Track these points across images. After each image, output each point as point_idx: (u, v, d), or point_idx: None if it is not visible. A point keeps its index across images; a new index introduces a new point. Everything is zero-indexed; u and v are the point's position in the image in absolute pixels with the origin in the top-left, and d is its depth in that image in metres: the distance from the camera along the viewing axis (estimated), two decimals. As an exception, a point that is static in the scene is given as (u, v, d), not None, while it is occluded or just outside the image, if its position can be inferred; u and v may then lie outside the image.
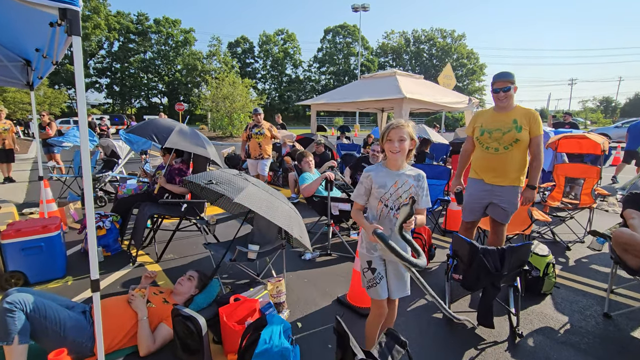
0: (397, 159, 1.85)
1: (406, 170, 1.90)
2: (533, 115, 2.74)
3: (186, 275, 2.64)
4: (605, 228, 4.48)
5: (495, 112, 2.87)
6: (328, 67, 49.01)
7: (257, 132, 5.46)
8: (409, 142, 1.84)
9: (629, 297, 2.94)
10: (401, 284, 1.99)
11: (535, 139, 2.74)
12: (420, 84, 8.13)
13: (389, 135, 1.83)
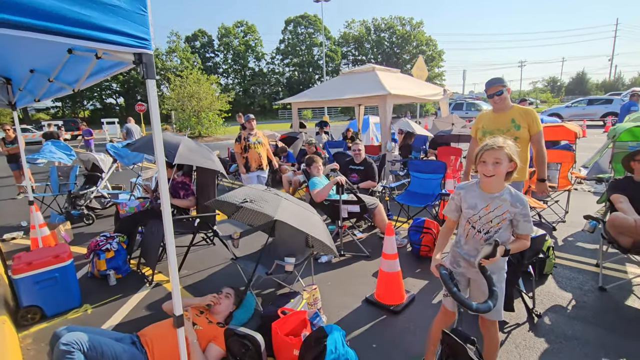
0: (491, 182, 1.73)
1: (503, 193, 1.76)
2: (530, 113, 2.99)
3: (223, 293, 2.66)
4: (580, 207, 4.98)
5: (494, 113, 3.11)
6: (292, 58, 48.43)
7: (255, 142, 5.14)
8: (506, 164, 1.70)
9: (616, 270, 3.36)
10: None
11: (535, 135, 3.00)
12: (399, 78, 8.38)
13: (483, 156, 1.72)
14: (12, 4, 1.12)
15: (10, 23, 1.12)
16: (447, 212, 1.94)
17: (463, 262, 1.90)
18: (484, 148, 1.75)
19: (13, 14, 1.12)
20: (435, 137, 7.44)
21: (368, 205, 4.11)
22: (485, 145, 1.77)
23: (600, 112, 18.01)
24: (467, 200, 1.83)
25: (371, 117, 11.73)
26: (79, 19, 1.22)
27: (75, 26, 1.21)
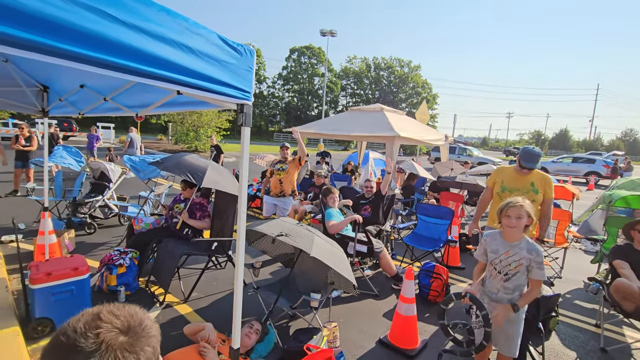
0: (513, 233, 2.13)
1: (521, 243, 2.13)
2: (548, 180, 3.25)
3: (253, 329, 2.64)
4: (575, 265, 5.21)
5: (516, 172, 3.36)
6: (292, 85, 49.79)
7: (279, 169, 5.24)
8: (525, 219, 2.09)
9: (616, 333, 3.52)
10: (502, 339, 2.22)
11: (547, 200, 3.25)
12: (405, 120, 8.77)
13: (508, 212, 2.11)
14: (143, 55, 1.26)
15: (142, 72, 1.26)
16: (477, 255, 2.35)
17: (487, 299, 2.27)
18: (509, 205, 2.14)
19: (146, 65, 1.26)
20: (437, 182, 7.73)
21: (374, 248, 4.22)
22: (509, 202, 2.16)
23: (584, 170, 18.99)
24: (491, 246, 2.23)
25: (371, 152, 12.07)
26: (198, 71, 1.37)
27: (195, 78, 1.36)
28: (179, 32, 1.31)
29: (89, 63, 1.13)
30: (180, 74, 1.33)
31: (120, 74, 1.22)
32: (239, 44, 1.46)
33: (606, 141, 71.65)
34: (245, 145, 1.52)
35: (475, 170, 9.42)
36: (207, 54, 1.39)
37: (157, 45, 1.26)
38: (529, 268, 2.09)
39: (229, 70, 1.45)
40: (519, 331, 2.22)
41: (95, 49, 1.13)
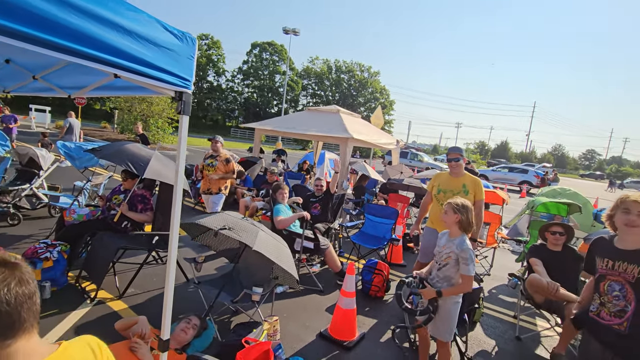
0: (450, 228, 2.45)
1: (457, 239, 2.38)
2: (478, 183, 3.56)
3: (190, 324, 2.58)
4: (503, 264, 5.73)
5: (450, 176, 3.64)
6: (252, 80, 48.86)
7: (209, 164, 5.08)
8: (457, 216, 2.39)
9: (529, 322, 3.95)
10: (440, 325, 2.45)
11: (478, 202, 3.56)
12: (360, 123, 9.05)
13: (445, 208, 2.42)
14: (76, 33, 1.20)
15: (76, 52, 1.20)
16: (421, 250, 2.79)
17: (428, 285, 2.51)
18: (448, 202, 2.45)
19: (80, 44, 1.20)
20: (387, 184, 8.07)
21: (320, 245, 4.33)
22: (449, 202, 2.45)
23: (518, 179, 20.90)
24: (440, 240, 2.55)
25: (327, 152, 12.27)
26: (135, 55, 1.33)
27: (133, 61, 1.32)
28: (116, 13, 1.27)
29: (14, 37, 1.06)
30: (118, 56, 1.28)
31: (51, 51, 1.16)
32: (179, 31, 1.44)
33: (539, 154, 79.64)
34: (183, 135, 1.50)
35: (421, 175, 9.97)
36: (146, 38, 1.36)
37: (92, 24, 1.21)
38: (457, 262, 2.34)
39: (168, 56, 1.42)
40: (453, 318, 2.44)
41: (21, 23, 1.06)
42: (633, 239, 1.80)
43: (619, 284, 1.80)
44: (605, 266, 1.87)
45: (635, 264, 1.74)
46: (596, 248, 1.99)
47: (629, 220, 1.77)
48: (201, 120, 46.13)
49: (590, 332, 1.97)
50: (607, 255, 1.88)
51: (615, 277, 1.82)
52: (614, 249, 1.87)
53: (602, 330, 1.86)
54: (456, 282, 2.39)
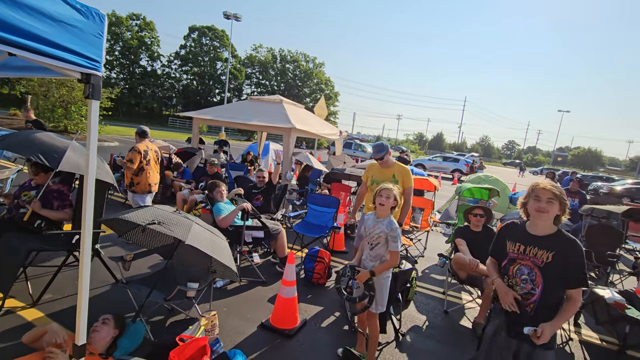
0: (383, 210, 2.60)
1: (385, 220, 2.58)
2: (406, 171, 3.79)
3: (99, 321, 2.41)
4: (435, 246, 6.19)
5: (381, 167, 3.84)
6: (192, 67, 46.02)
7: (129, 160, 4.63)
8: (392, 200, 2.56)
9: (456, 297, 4.34)
10: None
11: (407, 189, 3.78)
12: (303, 113, 9.03)
13: (380, 193, 2.59)
14: None
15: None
16: (361, 232, 2.79)
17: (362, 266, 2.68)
18: (381, 187, 2.62)
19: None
20: (330, 173, 8.22)
21: (272, 231, 4.30)
22: (382, 186, 2.64)
23: (451, 168, 22.66)
24: (367, 223, 2.68)
25: (272, 143, 12.11)
26: (32, 32, 1.17)
27: (29, 39, 1.16)
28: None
29: None
30: (10, 32, 1.10)
31: None
32: (84, 5, 1.29)
33: (469, 144, 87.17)
34: (93, 121, 1.35)
35: (363, 164, 10.32)
36: (40, 11, 1.19)
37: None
38: (387, 240, 2.54)
39: (72, 34, 1.26)
40: (385, 292, 2.65)
41: None
42: (544, 224, 1.90)
43: (527, 268, 1.90)
44: (517, 250, 1.95)
45: (545, 249, 1.85)
46: (507, 232, 2.06)
47: (540, 207, 1.86)
48: (134, 108, 42.51)
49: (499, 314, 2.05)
50: (518, 240, 1.96)
51: (525, 261, 1.91)
52: (526, 234, 1.96)
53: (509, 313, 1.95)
54: (385, 259, 2.59)
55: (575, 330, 3.87)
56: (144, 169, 4.72)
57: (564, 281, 1.83)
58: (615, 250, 5.49)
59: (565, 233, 1.90)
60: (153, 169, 4.83)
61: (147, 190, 4.80)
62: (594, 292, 3.71)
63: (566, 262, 1.82)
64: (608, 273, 5.44)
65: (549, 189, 1.88)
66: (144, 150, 4.72)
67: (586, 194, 8.13)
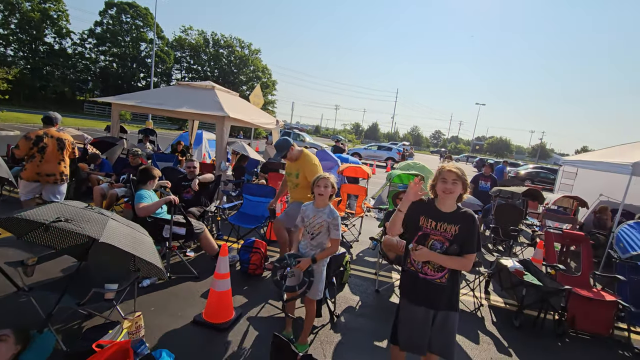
0: (322, 200, 2.65)
1: (326, 209, 2.67)
2: (308, 166, 3.83)
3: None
4: (369, 230, 6.50)
5: (289, 161, 3.99)
6: (110, 47, 41.20)
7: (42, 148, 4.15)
8: (330, 188, 2.66)
9: (386, 277, 4.64)
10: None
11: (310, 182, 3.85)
12: (237, 101, 8.70)
13: (318, 183, 2.63)
14: None
15: None
16: (299, 222, 2.77)
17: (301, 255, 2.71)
18: (319, 177, 2.69)
19: None
20: (267, 163, 8.10)
21: (194, 230, 4.11)
22: (319, 176, 2.71)
23: (385, 156, 23.92)
24: (306, 213, 2.71)
25: (205, 132, 11.51)
26: None
27: None
28: None
29: None
30: None
31: None
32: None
33: (401, 134, 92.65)
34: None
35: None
36: None
37: None
38: (329, 229, 2.63)
39: None
40: (323, 278, 2.75)
41: None
42: (450, 202, 2.09)
43: (440, 243, 2.07)
44: (429, 226, 2.11)
45: (452, 223, 2.05)
46: (421, 208, 2.15)
47: (446, 187, 2.05)
48: (40, 92, 37.03)
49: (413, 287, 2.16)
50: (431, 216, 2.12)
51: (437, 236, 2.08)
52: (436, 210, 2.11)
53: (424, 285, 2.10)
54: (326, 247, 2.67)
55: (486, 297, 4.41)
56: (34, 156, 4.15)
57: (464, 247, 2.06)
58: (517, 225, 6.35)
59: (464, 209, 2.14)
60: (50, 160, 4.25)
61: (34, 179, 4.22)
62: (499, 262, 4.25)
63: (467, 233, 2.06)
64: (511, 245, 6.27)
65: (454, 171, 2.08)
66: (35, 137, 4.14)
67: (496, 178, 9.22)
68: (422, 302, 2.13)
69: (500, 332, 3.61)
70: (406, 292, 2.22)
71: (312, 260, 2.60)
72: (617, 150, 7.19)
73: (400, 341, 2.21)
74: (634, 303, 3.85)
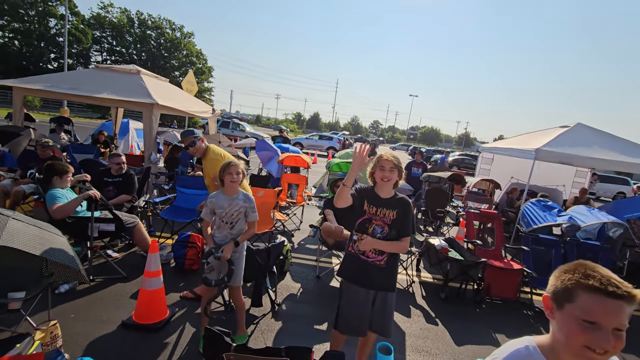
0: (233, 187, 2.57)
1: (239, 195, 2.62)
2: (207, 162, 3.46)
3: None
4: (310, 219, 6.59)
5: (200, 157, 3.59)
6: (9, 22, 35.27)
7: None
8: (241, 175, 2.60)
9: (327, 262, 4.77)
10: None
11: (214, 177, 3.35)
12: (167, 88, 8.08)
13: (230, 170, 2.52)
14: None
15: None
16: (204, 215, 2.62)
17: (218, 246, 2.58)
18: (230, 164, 2.57)
19: None
20: (203, 153, 7.71)
21: (126, 224, 3.79)
22: (229, 162, 2.58)
23: (326, 145, 24.28)
24: (217, 204, 2.58)
25: (132, 121, 10.57)
26: None
27: None
28: None
29: None
30: None
31: None
32: None
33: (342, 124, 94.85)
34: None
35: (239, 144, 10.08)
36: None
37: None
38: (246, 214, 2.64)
39: None
40: (243, 264, 2.74)
41: None
42: (387, 189, 2.21)
43: (380, 227, 2.18)
44: (371, 211, 2.21)
45: (391, 209, 2.17)
46: (365, 193, 2.25)
47: (384, 175, 2.15)
48: None
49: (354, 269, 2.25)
50: (372, 202, 2.21)
51: (377, 221, 2.18)
52: (377, 197, 2.20)
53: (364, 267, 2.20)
54: (245, 230, 2.69)
55: (417, 275, 4.78)
56: None
57: (400, 232, 2.20)
58: (444, 207, 6.95)
59: (400, 195, 2.29)
60: None
61: None
62: (428, 242, 4.63)
63: (403, 218, 2.20)
64: (439, 226, 6.86)
65: (391, 159, 2.19)
66: None
67: (427, 165, 9.95)
68: (363, 283, 2.23)
69: (429, 305, 3.95)
70: (347, 274, 2.31)
71: (235, 243, 2.59)
72: (524, 138, 8.20)
73: (340, 325, 2.30)
74: (535, 270, 4.48)
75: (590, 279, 0.88)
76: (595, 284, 0.86)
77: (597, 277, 0.87)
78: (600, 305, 0.85)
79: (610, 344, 0.84)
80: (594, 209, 5.61)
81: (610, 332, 0.84)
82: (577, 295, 0.89)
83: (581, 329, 0.87)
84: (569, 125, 7.15)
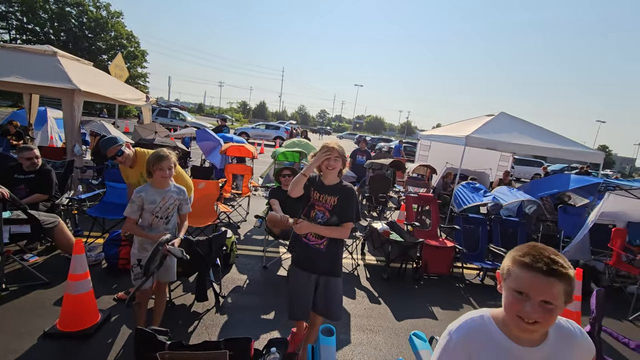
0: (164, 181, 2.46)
1: (171, 187, 2.54)
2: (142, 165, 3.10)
3: None
4: (257, 209, 6.49)
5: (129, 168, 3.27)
6: None
7: None
8: (173, 168, 2.49)
9: (274, 252, 4.75)
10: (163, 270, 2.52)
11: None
12: (91, 72, 7.28)
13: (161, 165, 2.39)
14: None
15: None
16: (130, 213, 2.42)
17: (149, 246, 2.42)
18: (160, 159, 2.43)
19: None
20: (137, 144, 7.14)
21: (44, 224, 3.40)
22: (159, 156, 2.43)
23: (273, 135, 23.94)
24: (148, 199, 2.42)
25: (50, 110, 9.44)
26: None
27: None
28: None
29: None
30: None
31: None
32: None
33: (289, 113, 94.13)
34: None
35: (178, 133, 9.51)
36: None
37: None
38: (180, 207, 2.59)
39: None
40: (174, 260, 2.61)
41: None
42: (332, 176, 2.29)
43: (321, 212, 2.26)
44: (315, 197, 2.30)
45: (332, 195, 2.25)
46: (312, 181, 2.34)
47: (329, 164, 2.23)
48: None
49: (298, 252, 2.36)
50: (317, 189, 2.31)
51: (320, 206, 2.27)
52: (321, 183, 2.32)
53: (306, 249, 2.28)
54: (180, 223, 2.64)
55: (362, 258, 4.97)
56: None
57: (342, 217, 2.26)
58: (387, 193, 7.28)
59: (344, 182, 2.36)
60: None
61: None
62: (371, 226, 4.83)
63: (345, 204, 2.26)
64: (382, 211, 7.18)
65: (336, 148, 2.26)
66: None
67: (371, 152, 10.30)
68: (305, 267, 2.31)
69: (373, 286, 4.15)
70: (294, 258, 2.44)
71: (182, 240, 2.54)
72: (457, 125, 8.85)
73: (288, 310, 2.36)
74: (466, 246, 4.91)
75: (526, 256, 0.98)
76: (525, 260, 0.97)
77: (531, 255, 0.98)
78: (527, 278, 0.96)
79: (537, 314, 0.94)
80: (514, 189, 6.28)
81: (537, 304, 0.94)
82: (513, 271, 1.00)
83: (514, 299, 0.98)
84: (493, 114, 7.86)
